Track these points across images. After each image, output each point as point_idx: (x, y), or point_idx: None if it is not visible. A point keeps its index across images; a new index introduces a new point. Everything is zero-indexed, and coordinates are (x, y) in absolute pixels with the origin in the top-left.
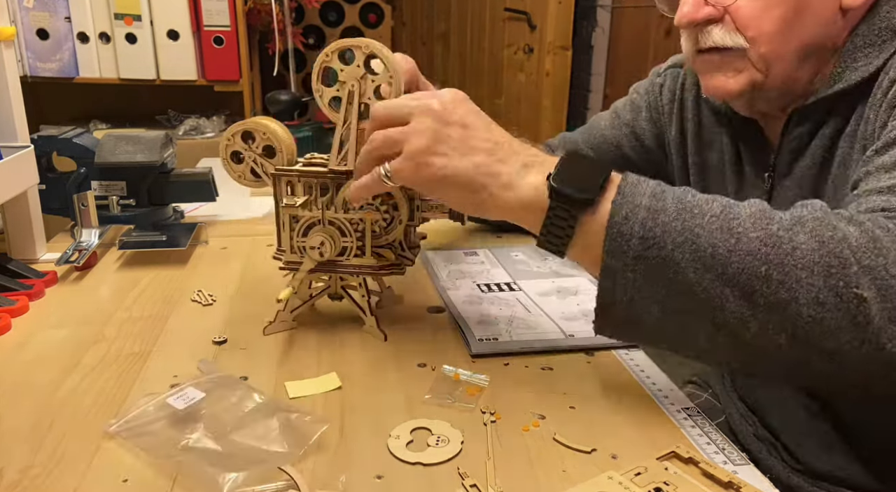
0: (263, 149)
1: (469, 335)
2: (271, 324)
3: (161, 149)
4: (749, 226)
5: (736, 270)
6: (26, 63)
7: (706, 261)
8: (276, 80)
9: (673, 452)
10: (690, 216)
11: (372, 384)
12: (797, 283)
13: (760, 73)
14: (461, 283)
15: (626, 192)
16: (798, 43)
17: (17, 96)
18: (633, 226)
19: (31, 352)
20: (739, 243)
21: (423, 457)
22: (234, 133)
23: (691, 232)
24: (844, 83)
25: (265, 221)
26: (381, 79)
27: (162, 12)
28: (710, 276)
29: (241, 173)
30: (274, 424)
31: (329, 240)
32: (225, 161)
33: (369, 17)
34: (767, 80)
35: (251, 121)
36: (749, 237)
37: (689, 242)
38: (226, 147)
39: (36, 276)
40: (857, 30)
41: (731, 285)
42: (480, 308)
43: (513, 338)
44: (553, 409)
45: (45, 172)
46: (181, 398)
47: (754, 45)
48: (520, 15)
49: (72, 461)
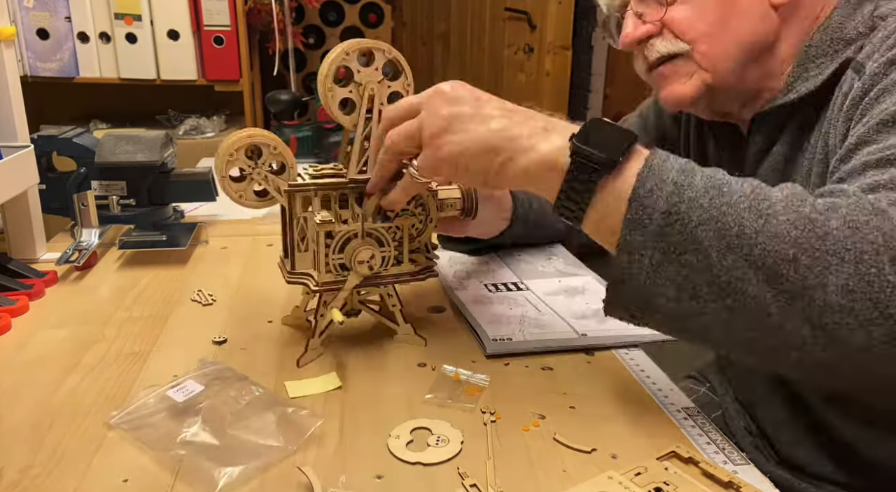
0: (275, 165)
1: (483, 336)
2: (304, 355)
3: (161, 149)
4: (780, 208)
5: (762, 251)
6: (26, 63)
7: (731, 240)
8: (276, 80)
9: (673, 452)
10: (718, 194)
11: (372, 384)
12: (826, 268)
13: (708, 73)
14: (468, 283)
15: (654, 165)
16: (735, 40)
17: (17, 96)
18: (657, 200)
19: (31, 352)
20: (768, 224)
21: (423, 457)
22: (237, 148)
23: (717, 210)
24: (796, 93)
25: (265, 221)
26: (397, 85)
27: (162, 12)
28: (733, 256)
29: (241, 192)
30: (271, 418)
31: (378, 252)
32: (223, 180)
33: (369, 17)
34: (716, 79)
35: (258, 133)
36: (779, 219)
37: (715, 220)
38: (227, 164)
39: (36, 276)
40: (812, 39)
41: (756, 267)
42: (491, 308)
43: (526, 338)
44: (553, 409)
45: (45, 172)
46: (181, 391)
47: (695, 46)
48: (520, 15)
49: (72, 461)
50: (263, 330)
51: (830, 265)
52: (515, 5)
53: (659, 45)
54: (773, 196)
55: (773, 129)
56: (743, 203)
